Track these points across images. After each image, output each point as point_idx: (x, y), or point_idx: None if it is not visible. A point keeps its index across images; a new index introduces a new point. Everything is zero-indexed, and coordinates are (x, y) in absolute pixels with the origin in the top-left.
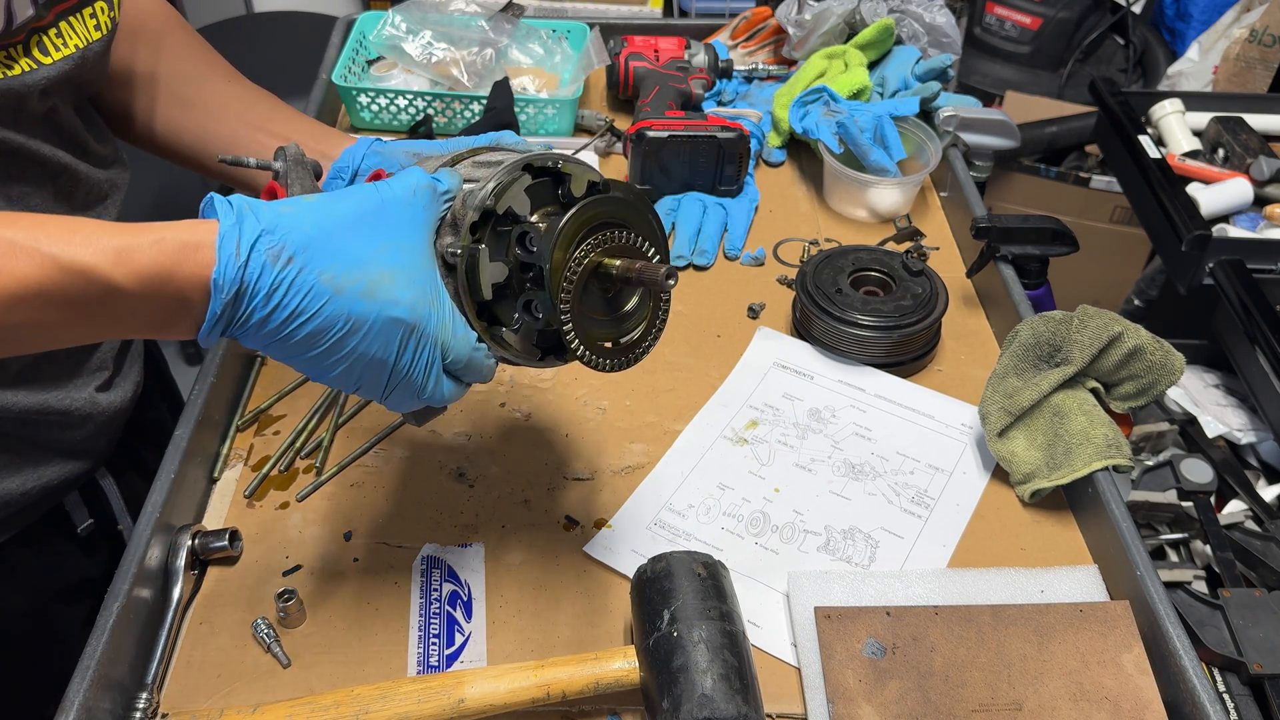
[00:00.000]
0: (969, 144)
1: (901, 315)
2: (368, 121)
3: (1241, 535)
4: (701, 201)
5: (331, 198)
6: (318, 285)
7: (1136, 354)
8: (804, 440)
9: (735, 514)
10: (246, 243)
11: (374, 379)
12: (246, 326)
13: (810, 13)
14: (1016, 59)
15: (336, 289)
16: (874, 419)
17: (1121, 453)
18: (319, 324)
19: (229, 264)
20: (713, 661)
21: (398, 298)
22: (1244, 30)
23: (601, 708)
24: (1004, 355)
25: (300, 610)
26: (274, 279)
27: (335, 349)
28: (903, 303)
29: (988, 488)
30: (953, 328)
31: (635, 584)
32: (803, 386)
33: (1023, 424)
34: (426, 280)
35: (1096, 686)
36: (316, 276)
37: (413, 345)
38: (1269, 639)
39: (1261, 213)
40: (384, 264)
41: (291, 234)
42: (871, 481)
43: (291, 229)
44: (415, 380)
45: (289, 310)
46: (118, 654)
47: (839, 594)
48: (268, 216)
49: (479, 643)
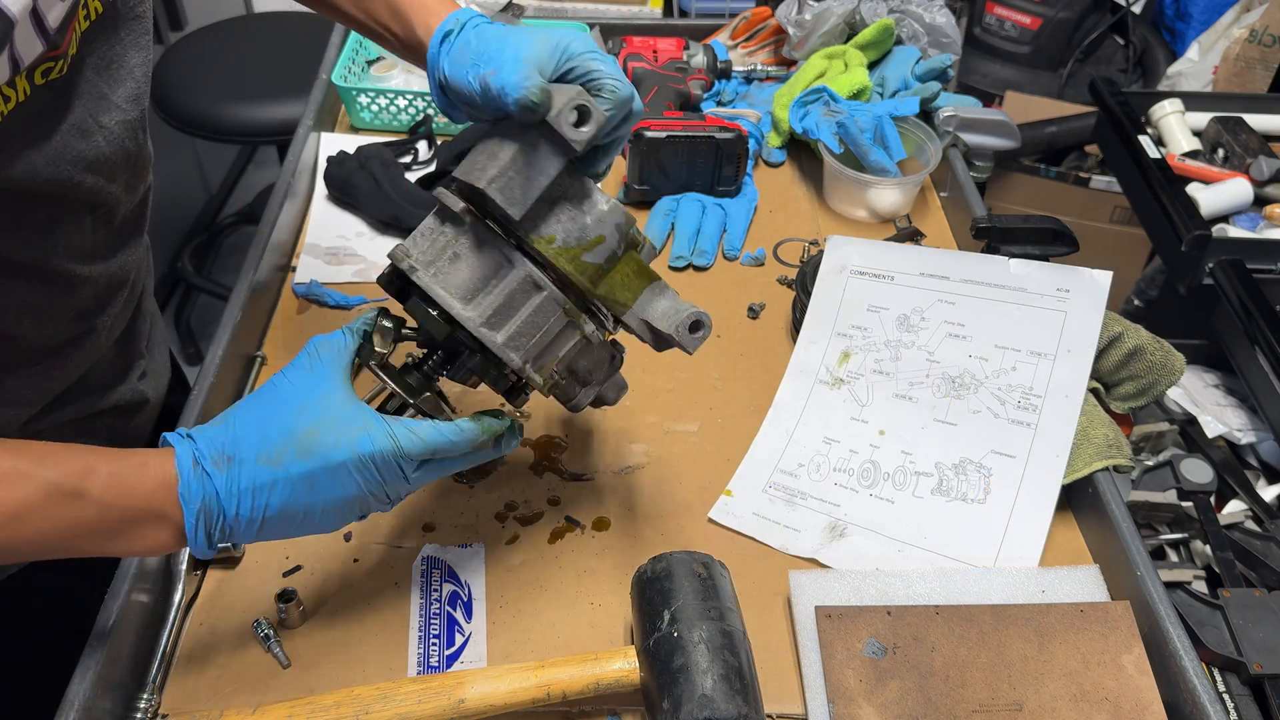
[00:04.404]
0: (969, 144)
1: None
2: (368, 122)
3: (1241, 535)
4: (700, 202)
5: (250, 399)
6: (258, 469)
7: (1136, 354)
8: (898, 361)
9: (845, 468)
10: (195, 458)
11: (365, 507)
12: (225, 524)
13: (810, 13)
14: (1016, 59)
15: (275, 463)
16: (965, 310)
17: (1121, 453)
18: (281, 499)
19: (189, 478)
20: (713, 662)
21: (330, 444)
22: (1244, 30)
23: (602, 708)
24: None
25: (300, 611)
26: (225, 480)
27: (312, 509)
28: None
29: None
30: None
31: (635, 584)
32: (885, 292)
33: None
34: (349, 416)
35: (1097, 687)
36: (254, 465)
37: (372, 473)
38: (1269, 639)
39: (1261, 213)
40: (305, 424)
41: (223, 438)
42: (974, 395)
43: (222, 434)
44: (397, 488)
45: (247, 497)
46: (118, 655)
47: (840, 593)
48: (205, 434)
49: (479, 643)
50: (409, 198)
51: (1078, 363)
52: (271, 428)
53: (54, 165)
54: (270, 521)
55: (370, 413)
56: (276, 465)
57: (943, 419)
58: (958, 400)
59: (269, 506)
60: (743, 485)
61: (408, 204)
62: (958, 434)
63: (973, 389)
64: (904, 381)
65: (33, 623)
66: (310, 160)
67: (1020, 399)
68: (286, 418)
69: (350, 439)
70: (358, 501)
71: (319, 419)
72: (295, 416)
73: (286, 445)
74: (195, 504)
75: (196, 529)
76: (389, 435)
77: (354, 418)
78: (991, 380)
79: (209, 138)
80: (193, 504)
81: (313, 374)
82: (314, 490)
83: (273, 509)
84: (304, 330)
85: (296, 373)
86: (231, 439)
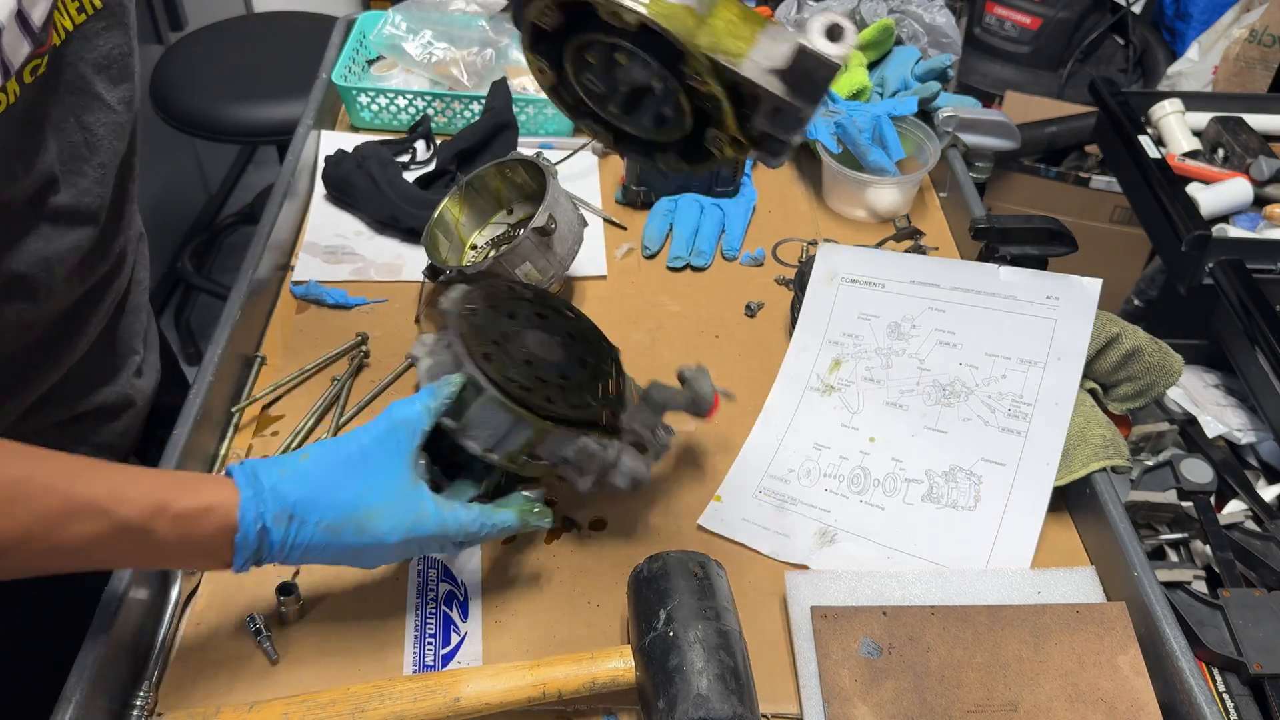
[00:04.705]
0: (969, 144)
1: None
2: (368, 121)
3: (1241, 535)
4: (698, 202)
5: (323, 452)
6: (315, 534)
7: (1134, 355)
8: (889, 369)
9: (835, 474)
10: (258, 512)
11: (405, 557)
12: (270, 561)
13: (810, 13)
14: (1016, 59)
15: (333, 533)
16: (955, 318)
17: (1119, 453)
18: (330, 557)
19: (249, 530)
20: (708, 661)
21: (386, 530)
22: (1244, 30)
23: (598, 707)
24: None
25: (298, 608)
26: (282, 536)
27: (357, 561)
28: None
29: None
30: None
31: (632, 584)
32: (876, 299)
33: None
34: (409, 503)
35: (1092, 688)
36: (314, 527)
37: (416, 547)
38: (1269, 639)
39: (1261, 213)
40: (368, 504)
41: (289, 496)
42: (965, 403)
43: (289, 492)
44: (436, 553)
45: (299, 552)
46: (114, 653)
47: (835, 594)
48: (269, 482)
49: (475, 642)
50: (407, 197)
51: (1068, 370)
52: (338, 499)
53: (31, 165)
54: (311, 564)
55: (427, 498)
56: (334, 535)
57: (933, 426)
58: (948, 408)
59: (320, 557)
60: (732, 491)
61: (406, 203)
62: (948, 441)
63: (963, 397)
64: (894, 389)
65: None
66: (310, 160)
67: (1010, 407)
68: (353, 493)
69: (405, 524)
70: (397, 559)
71: (381, 503)
72: (362, 494)
73: (348, 521)
74: (249, 553)
75: (244, 566)
76: (440, 524)
77: (413, 504)
78: (982, 388)
79: (209, 138)
80: (246, 553)
81: (383, 452)
82: (359, 557)
83: (316, 560)
84: (303, 330)
85: (373, 444)
86: (296, 500)
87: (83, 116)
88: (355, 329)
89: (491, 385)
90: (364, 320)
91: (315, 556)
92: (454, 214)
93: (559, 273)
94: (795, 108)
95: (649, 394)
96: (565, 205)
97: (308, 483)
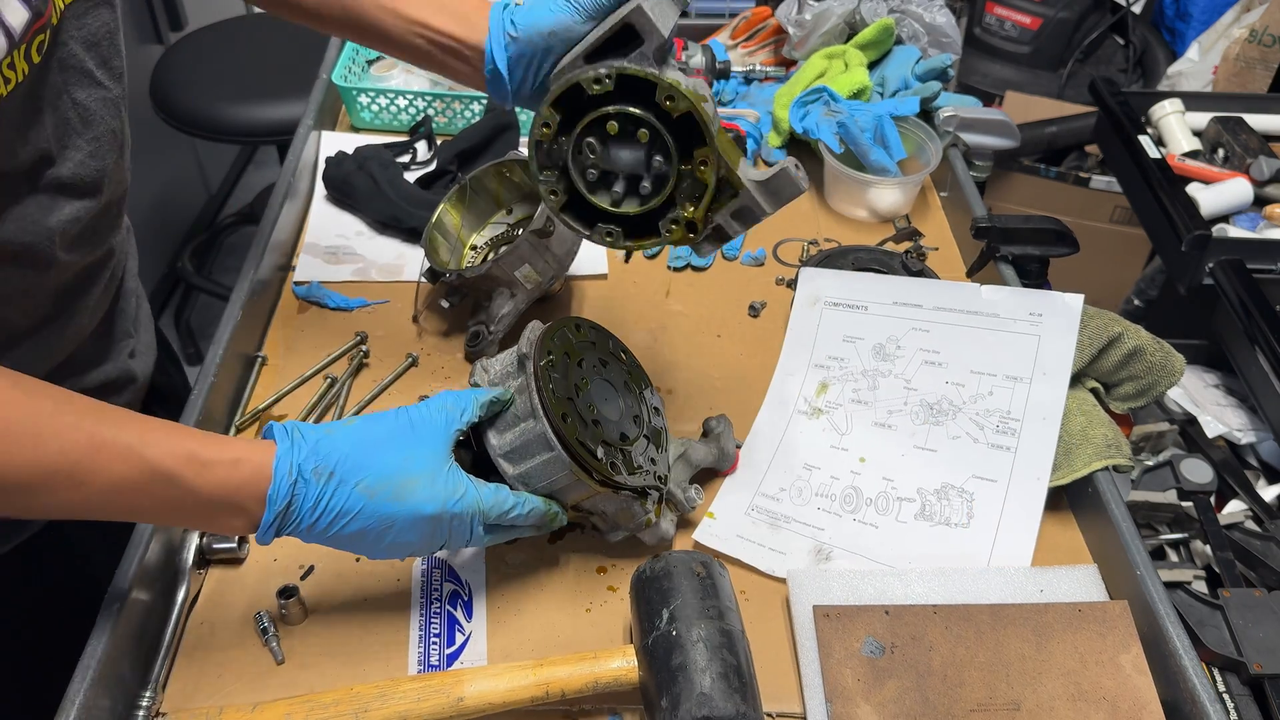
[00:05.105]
0: (969, 144)
1: None
2: (368, 121)
3: (1241, 535)
4: None
5: (369, 422)
6: (353, 494)
7: (1136, 355)
8: (876, 390)
9: (827, 493)
10: (296, 464)
11: (419, 550)
12: (299, 529)
13: (810, 13)
14: (1016, 59)
15: (370, 495)
16: (939, 337)
17: (1121, 453)
18: (359, 525)
19: (282, 482)
20: (711, 660)
21: (424, 498)
22: (1244, 30)
23: (602, 707)
24: None
25: (301, 608)
26: (318, 492)
27: (378, 540)
28: None
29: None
30: None
31: (635, 583)
32: (860, 322)
33: None
34: (447, 479)
35: (1094, 687)
36: (353, 487)
37: (445, 527)
38: (1269, 639)
39: (1261, 213)
40: (410, 471)
41: (332, 454)
42: (953, 421)
43: (332, 450)
44: (456, 543)
45: (332, 515)
46: (118, 653)
47: (838, 592)
48: (312, 439)
49: (479, 642)
50: (408, 197)
51: (1054, 385)
52: (381, 461)
53: (29, 139)
54: (336, 538)
55: (465, 477)
56: (370, 497)
57: (923, 445)
58: (937, 426)
59: (346, 528)
60: (724, 508)
61: (407, 204)
62: (938, 460)
63: (951, 415)
64: (882, 410)
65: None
66: (310, 160)
67: (999, 423)
68: (397, 459)
69: (442, 496)
70: (416, 548)
71: (422, 472)
72: (404, 461)
73: (387, 484)
74: (279, 506)
75: (271, 527)
76: (477, 499)
77: (452, 480)
78: (969, 405)
79: (209, 138)
80: (277, 506)
81: (430, 427)
82: (389, 529)
83: (346, 531)
84: (304, 330)
85: (420, 420)
86: (341, 457)
87: (75, 93)
88: (356, 329)
89: (565, 451)
90: (365, 320)
91: (342, 526)
92: (453, 215)
93: (558, 273)
94: (762, 210)
95: (688, 456)
96: None
97: (352, 443)
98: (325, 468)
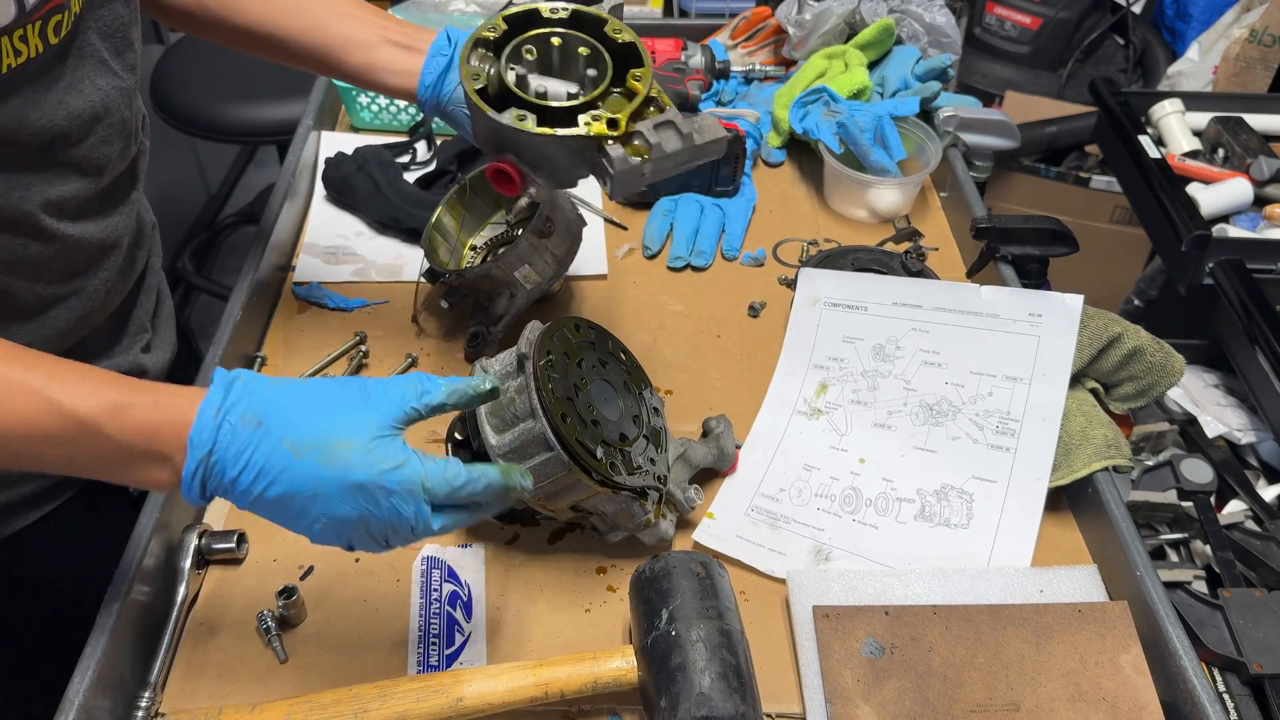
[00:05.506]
0: (969, 144)
1: None
2: (368, 122)
3: (1241, 535)
4: (698, 202)
5: (321, 382)
6: (277, 449)
7: (1136, 355)
8: (876, 391)
9: (826, 494)
10: (224, 409)
11: (360, 536)
12: (223, 485)
13: (810, 13)
14: (1016, 59)
15: (295, 454)
16: (939, 338)
17: (1121, 453)
18: (282, 488)
19: (206, 425)
20: (710, 660)
21: (354, 464)
22: (1244, 30)
23: (601, 707)
24: None
25: (301, 608)
26: (243, 441)
27: (306, 510)
28: None
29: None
30: None
31: (634, 584)
32: (860, 323)
33: None
34: (385, 447)
35: (1094, 687)
36: (277, 442)
37: (382, 504)
38: (1269, 639)
39: (1261, 213)
40: (342, 434)
41: (266, 403)
42: (953, 421)
43: (267, 399)
44: (402, 530)
45: (255, 470)
46: (117, 654)
47: (838, 593)
48: (252, 386)
49: (479, 643)
50: (408, 198)
51: (1053, 385)
52: (315, 420)
53: (46, 117)
54: (265, 504)
55: (409, 451)
56: (296, 456)
57: (922, 446)
58: (936, 427)
59: (268, 490)
60: (724, 508)
61: (407, 204)
62: (938, 461)
63: (951, 415)
64: (882, 410)
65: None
66: (310, 160)
67: (998, 424)
68: (331, 419)
69: (376, 463)
70: (352, 527)
71: (356, 437)
72: (339, 423)
73: (315, 444)
74: (201, 452)
75: (194, 477)
76: (419, 474)
77: (388, 449)
78: (969, 406)
79: (209, 138)
80: (199, 451)
81: (384, 399)
82: (315, 498)
83: (270, 494)
84: (303, 331)
85: (377, 391)
86: (275, 408)
87: (95, 80)
88: (355, 329)
89: (564, 451)
90: (364, 320)
91: (265, 487)
92: (453, 215)
93: (558, 273)
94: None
95: (688, 456)
96: (564, 206)
97: (290, 396)
98: (254, 415)
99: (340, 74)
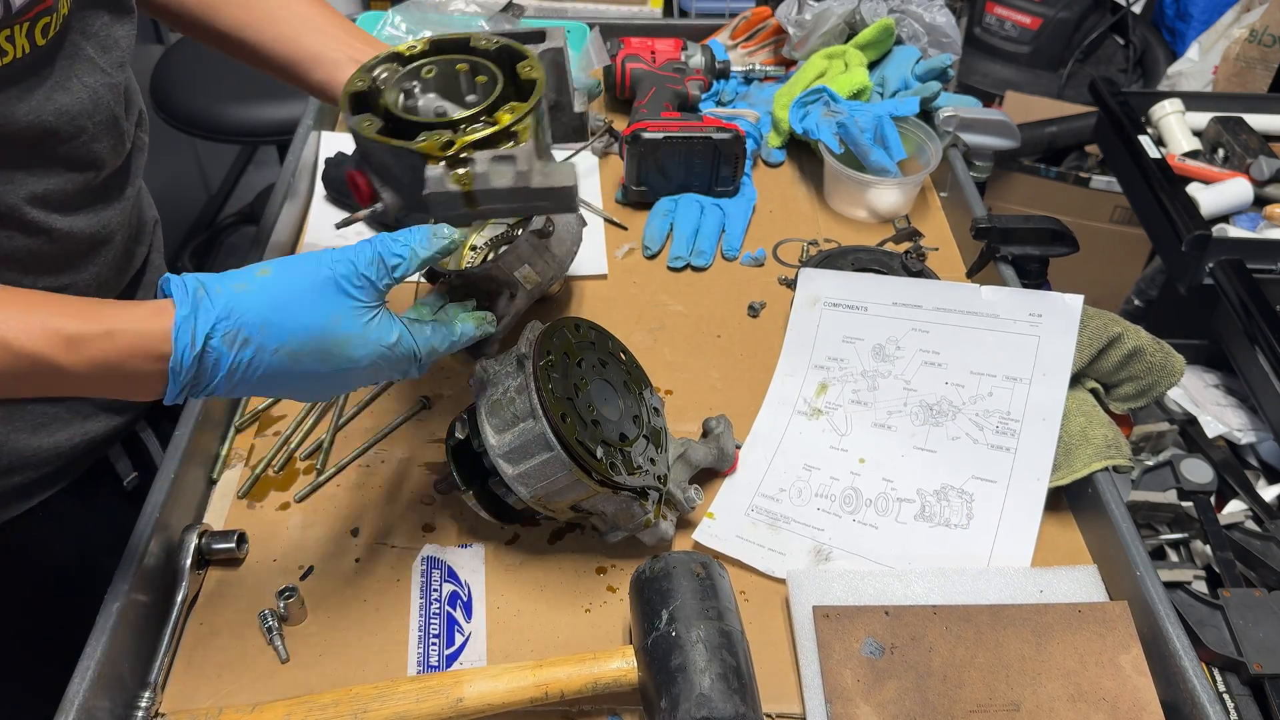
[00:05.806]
0: (969, 144)
1: None
2: None
3: (1241, 535)
4: (698, 202)
5: (285, 271)
6: (273, 361)
7: (1136, 355)
8: (876, 390)
9: (826, 494)
10: (202, 331)
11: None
12: (218, 394)
13: (810, 13)
14: (1016, 59)
15: (294, 360)
16: (939, 338)
17: (1121, 453)
18: (289, 387)
19: (185, 353)
20: (711, 661)
21: (356, 355)
22: (1244, 30)
23: (601, 708)
24: None
25: (301, 609)
26: (232, 361)
27: (312, 388)
28: None
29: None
30: None
31: (634, 584)
32: (860, 323)
33: None
34: (379, 329)
35: (1094, 687)
36: (271, 354)
37: (383, 367)
38: (1269, 639)
39: (1261, 213)
40: (337, 330)
41: (246, 316)
42: (953, 421)
43: (246, 311)
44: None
45: (255, 378)
46: (117, 654)
47: (838, 593)
48: (223, 300)
49: (479, 643)
50: None
51: (1053, 385)
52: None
53: (33, 113)
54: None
55: (400, 326)
56: (295, 362)
57: (922, 446)
58: (936, 427)
59: (270, 389)
60: (724, 508)
61: None
62: (938, 461)
63: (951, 416)
64: (882, 410)
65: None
66: (310, 160)
67: (999, 424)
68: (320, 317)
69: (375, 347)
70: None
71: (351, 331)
72: (330, 320)
73: (312, 347)
74: (184, 378)
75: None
76: (411, 348)
77: (382, 329)
78: (969, 406)
79: (209, 138)
80: (181, 378)
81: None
82: (323, 381)
83: (273, 391)
84: None
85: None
86: (259, 321)
87: (84, 78)
88: None
89: (565, 451)
90: None
91: (266, 386)
92: None
93: (558, 274)
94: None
95: (688, 456)
96: None
97: (267, 301)
98: (239, 333)
99: (305, 87)
